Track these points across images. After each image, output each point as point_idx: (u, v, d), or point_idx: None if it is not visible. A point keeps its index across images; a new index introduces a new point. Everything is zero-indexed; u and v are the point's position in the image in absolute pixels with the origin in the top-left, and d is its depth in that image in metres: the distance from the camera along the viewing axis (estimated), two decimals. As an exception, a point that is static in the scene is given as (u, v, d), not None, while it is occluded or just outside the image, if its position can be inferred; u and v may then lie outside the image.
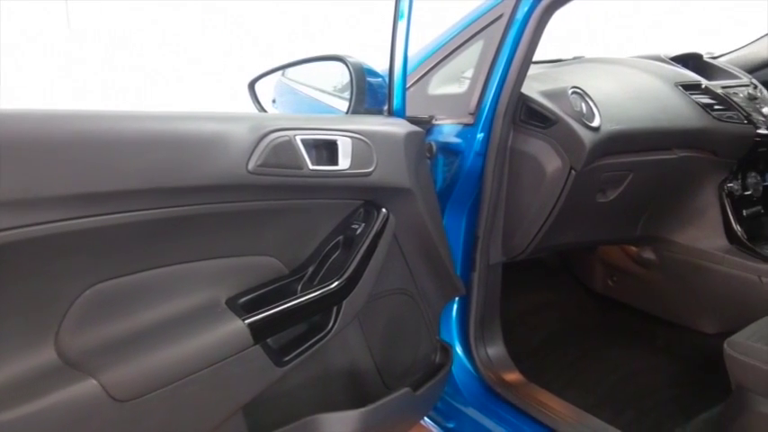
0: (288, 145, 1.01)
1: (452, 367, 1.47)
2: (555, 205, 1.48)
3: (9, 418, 0.74)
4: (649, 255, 2.04)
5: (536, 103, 1.44)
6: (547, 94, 1.46)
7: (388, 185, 1.18)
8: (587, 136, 1.41)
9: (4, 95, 3.58)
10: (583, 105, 1.46)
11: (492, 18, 1.48)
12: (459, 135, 1.48)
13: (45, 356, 0.82)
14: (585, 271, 2.35)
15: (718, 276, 1.83)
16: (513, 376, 1.53)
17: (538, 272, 2.37)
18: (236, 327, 0.96)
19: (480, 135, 1.43)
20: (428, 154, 1.45)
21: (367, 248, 1.14)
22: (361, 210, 1.20)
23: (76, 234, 0.80)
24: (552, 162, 1.44)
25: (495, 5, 1.48)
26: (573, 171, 1.43)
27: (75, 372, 0.82)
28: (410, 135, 1.22)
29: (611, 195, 1.65)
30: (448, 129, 1.51)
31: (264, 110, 1.83)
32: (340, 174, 1.09)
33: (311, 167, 1.04)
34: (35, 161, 0.76)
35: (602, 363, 1.87)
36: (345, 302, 1.11)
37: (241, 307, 1.02)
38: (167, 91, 4.35)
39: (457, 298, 1.54)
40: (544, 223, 1.51)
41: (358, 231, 1.16)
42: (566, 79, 1.58)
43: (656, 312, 2.11)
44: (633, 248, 2.10)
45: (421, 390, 1.30)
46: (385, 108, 1.31)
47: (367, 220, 1.17)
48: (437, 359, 1.44)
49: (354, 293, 1.12)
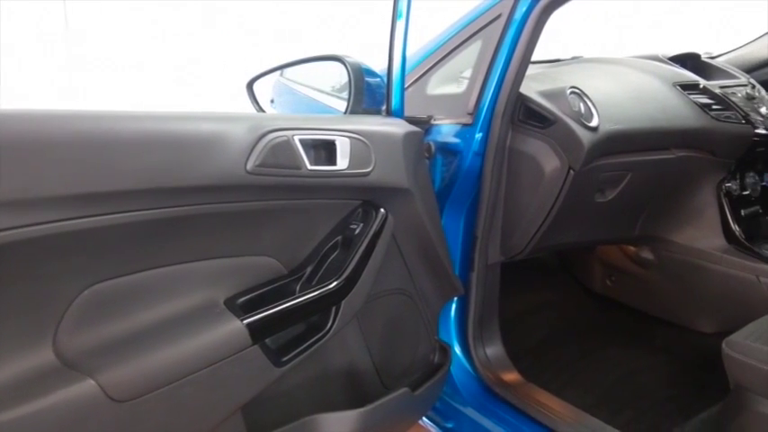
0: (286, 145, 1.01)
1: (451, 367, 1.47)
2: (553, 205, 1.48)
3: (7, 419, 0.74)
4: (648, 254, 2.04)
5: (534, 103, 1.44)
6: (545, 94, 1.46)
7: (387, 185, 1.18)
8: (586, 136, 1.41)
9: (4, 95, 3.57)
10: (581, 105, 1.46)
11: (490, 18, 1.48)
12: (457, 135, 1.48)
13: (43, 357, 0.82)
14: (584, 271, 2.35)
15: (716, 276, 1.83)
16: (512, 376, 1.53)
17: (536, 272, 2.37)
18: (234, 327, 0.96)
19: (479, 135, 1.43)
20: (427, 154, 1.45)
21: (365, 248, 1.14)
22: (359, 210, 1.19)
23: (75, 234, 0.80)
24: (551, 162, 1.44)
25: (493, 5, 1.48)
26: (571, 171, 1.43)
27: (73, 372, 0.82)
28: (409, 135, 1.22)
29: (609, 195, 1.65)
30: (446, 129, 1.51)
31: (263, 110, 1.83)
32: (338, 174, 1.09)
33: (309, 167, 1.04)
34: (34, 161, 0.76)
35: (600, 362, 1.87)
36: (344, 302, 1.11)
37: (239, 307, 1.01)
38: (167, 91, 4.35)
39: (455, 298, 1.54)
40: (543, 223, 1.51)
41: (356, 231, 1.16)
42: (564, 79, 1.58)
43: (655, 312, 2.11)
44: (632, 248, 2.10)
45: (419, 390, 1.30)
46: (383, 108, 1.31)
47: (365, 221, 1.17)
48: (436, 359, 1.44)
49: (353, 293, 1.12)
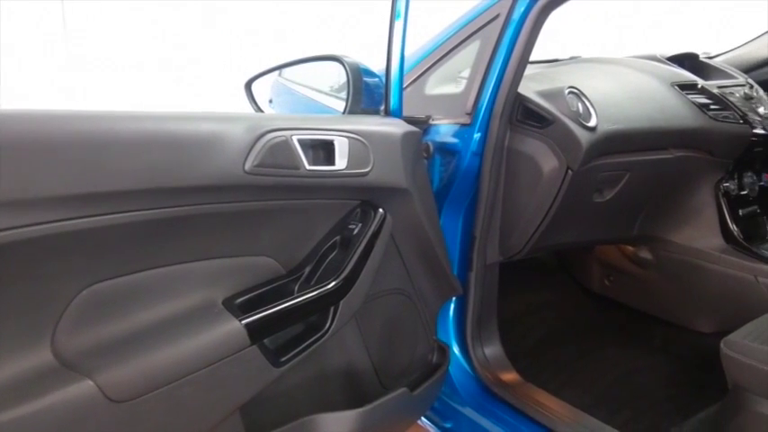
0: (285, 145, 1.01)
1: (449, 367, 1.47)
2: (552, 205, 1.48)
3: (5, 420, 0.74)
4: (646, 254, 2.04)
5: (533, 103, 1.44)
6: (543, 94, 1.46)
7: (385, 185, 1.18)
8: (584, 136, 1.41)
9: (4, 95, 3.57)
10: (579, 105, 1.46)
11: (489, 18, 1.48)
12: (456, 135, 1.48)
13: (41, 357, 0.82)
14: (582, 271, 2.35)
15: (714, 276, 1.83)
16: (510, 376, 1.53)
17: (535, 272, 2.37)
18: (232, 327, 0.96)
19: (477, 135, 1.43)
20: (425, 154, 1.45)
21: (364, 249, 1.14)
22: (358, 210, 1.19)
23: (73, 234, 0.80)
24: (549, 162, 1.44)
25: (491, 5, 1.48)
26: (570, 171, 1.43)
27: (71, 372, 0.82)
28: (407, 135, 1.22)
29: (607, 195, 1.66)
30: (445, 129, 1.51)
31: (261, 110, 1.83)
32: (337, 174, 1.09)
33: (308, 168, 1.04)
34: (33, 161, 0.76)
35: (598, 362, 1.87)
36: (342, 303, 1.11)
37: (238, 307, 1.01)
38: (167, 91, 4.34)
39: (454, 298, 1.54)
40: (541, 223, 1.51)
41: (355, 231, 1.15)
42: (562, 79, 1.58)
43: (653, 312, 2.11)
44: (630, 248, 2.10)
45: (418, 390, 1.30)
46: (382, 108, 1.31)
47: (364, 221, 1.17)
48: (434, 359, 1.44)
49: (351, 294, 1.12)
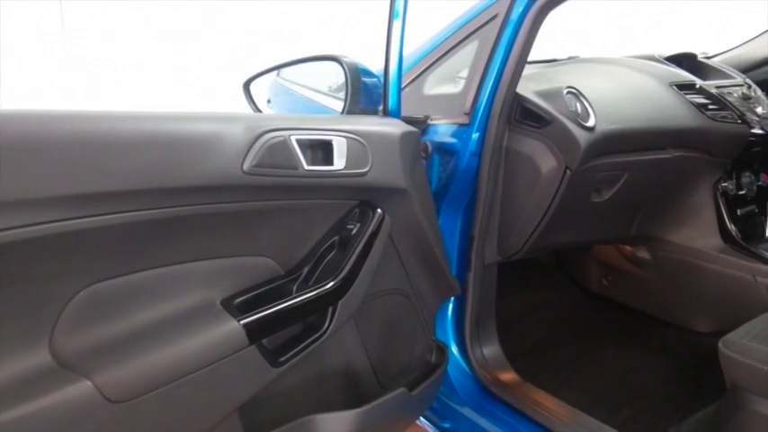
0: (283, 145, 1.01)
1: (448, 367, 1.47)
2: (550, 205, 1.48)
3: (3, 420, 0.74)
4: (644, 254, 2.04)
5: (531, 103, 1.44)
6: (542, 94, 1.46)
7: (384, 186, 1.18)
8: (582, 136, 1.41)
9: (4, 95, 3.57)
10: (578, 105, 1.46)
11: (487, 18, 1.48)
12: (454, 135, 1.48)
13: (39, 358, 0.81)
14: (581, 270, 2.35)
15: (712, 275, 1.83)
16: (509, 376, 1.53)
17: (533, 272, 2.37)
18: (231, 327, 0.96)
19: (475, 135, 1.43)
20: (423, 154, 1.45)
21: (362, 249, 1.14)
22: (356, 210, 1.19)
23: (71, 235, 0.80)
24: (547, 162, 1.44)
25: (489, 5, 1.48)
26: (568, 171, 1.43)
27: (69, 373, 0.82)
28: (405, 135, 1.22)
29: (606, 195, 1.66)
30: (443, 129, 1.51)
31: (259, 110, 1.83)
32: (335, 174, 1.09)
33: (306, 168, 1.04)
34: (30, 162, 0.75)
35: (597, 362, 1.88)
36: (341, 303, 1.11)
37: (236, 308, 1.01)
38: (167, 91, 4.34)
39: (452, 298, 1.54)
40: (539, 223, 1.51)
41: (353, 232, 1.15)
42: (561, 79, 1.59)
43: (651, 311, 2.11)
44: (628, 248, 2.10)
45: (417, 390, 1.30)
46: (380, 108, 1.31)
47: (362, 221, 1.17)
48: (433, 359, 1.44)
49: (350, 294, 1.12)
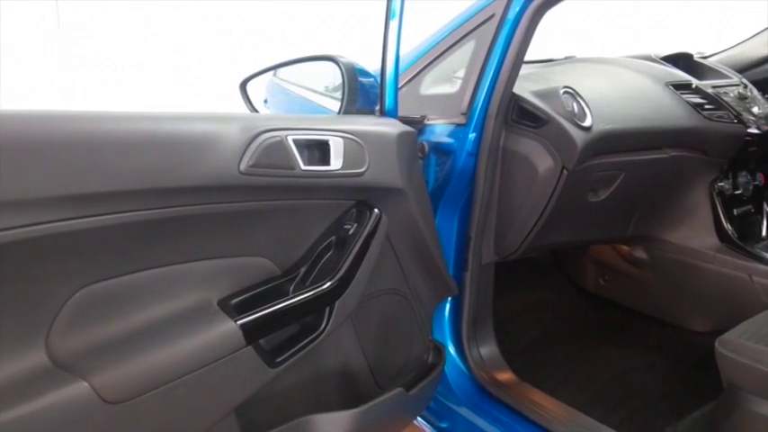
0: (280, 145, 1.01)
1: (445, 367, 1.47)
2: (547, 205, 1.48)
3: None
4: (641, 254, 2.04)
5: (528, 103, 1.44)
6: (538, 94, 1.46)
7: (381, 185, 1.18)
8: (579, 136, 1.42)
9: (4, 95, 3.55)
10: (574, 105, 1.46)
11: (483, 18, 1.48)
12: (451, 135, 1.48)
13: (35, 359, 0.81)
14: (577, 270, 2.35)
15: (709, 275, 1.83)
16: (506, 376, 1.53)
17: (530, 271, 2.37)
18: (228, 328, 0.96)
19: (472, 135, 1.43)
20: (420, 154, 1.45)
21: (359, 249, 1.14)
22: (353, 210, 1.19)
23: (68, 235, 0.80)
24: (544, 162, 1.44)
25: (486, 5, 1.48)
26: (565, 171, 1.43)
27: (65, 374, 0.81)
28: (402, 135, 1.22)
29: (602, 195, 1.66)
30: (440, 129, 1.51)
31: (256, 110, 1.83)
32: (332, 174, 1.09)
33: (303, 168, 1.04)
34: (27, 162, 0.75)
35: (594, 361, 1.88)
36: (338, 303, 1.11)
37: (233, 308, 1.01)
38: (167, 91, 4.33)
39: (449, 298, 1.54)
40: (536, 223, 1.51)
41: (350, 232, 1.15)
42: (557, 79, 1.59)
43: (648, 311, 2.12)
44: (625, 247, 2.11)
45: (414, 390, 1.30)
46: (377, 108, 1.31)
47: (359, 221, 1.17)
48: (430, 359, 1.44)
49: (347, 294, 1.12)
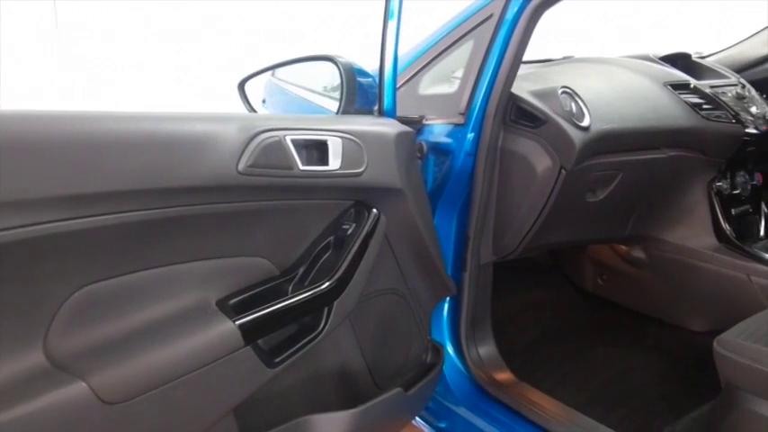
0: (278, 145, 1.01)
1: (444, 367, 1.47)
2: (545, 205, 1.48)
3: None
4: (639, 253, 2.05)
5: (526, 103, 1.44)
6: (537, 94, 1.46)
7: (379, 186, 1.18)
8: (577, 135, 1.42)
9: (4, 95, 3.55)
10: (573, 105, 1.46)
11: (482, 18, 1.48)
12: (449, 135, 1.48)
13: (33, 359, 0.81)
14: (575, 270, 2.35)
15: (707, 275, 1.84)
16: (504, 375, 1.53)
17: (528, 271, 2.37)
18: (226, 328, 0.96)
19: (471, 135, 1.43)
20: (419, 154, 1.45)
21: (358, 249, 1.14)
22: (351, 210, 1.19)
23: (66, 235, 0.80)
24: (542, 162, 1.44)
25: (484, 5, 1.48)
26: (563, 171, 1.44)
27: (63, 374, 0.81)
28: (401, 135, 1.22)
29: (600, 195, 1.66)
30: (438, 129, 1.51)
31: (254, 110, 1.83)
32: (330, 174, 1.09)
33: (301, 168, 1.04)
34: (25, 162, 0.75)
35: (592, 361, 1.88)
36: (336, 303, 1.11)
37: (231, 308, 1.01)
38: (167, 91, 4.33)
39: (448, 298, 1.54)
40: (534, 223, 1.51)
41: (349, 232, 1.15)
42: (555, 79, 1.59)
43: (646, 311, 2.12)
44: (623, 247, 2.11)
45: (412, 390, 1.30)
46: (375, 108, 1.31)
47: (358, 221, 1.17)
48: (428, 359, 1.44)
49: (345, 294, 1.12)
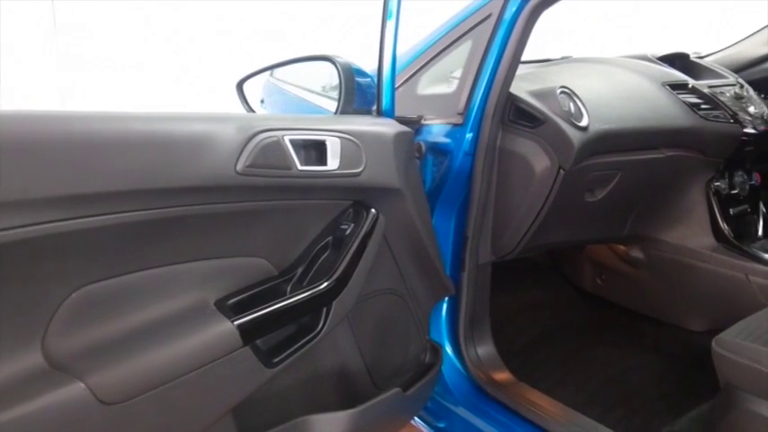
0: (276, 145, 1.01)
1: (442, 367, 1.47)
2: (544, 205, 1.48)
3: None
4: (637, 253, 2.05)
5: (525, 103, 1.44)
6: (535, 94, 1.46)
7: (378, 186, 1.18)
8: (576, 135, 1.42)
9: (5, 95, 3.54)
10: (571, 105, 1.46)
11: (480, 18, 1.48)
12: (448, 135, 1.48)
13: (32, 359, 0.81)
14: (574, 270, 2.36)
15: (705, 274, 1.84)
16: (503, 375, 1.53)
17: (527, 271, 2.37)
18: (225, 328, 0.96)
19: (469, 135, 1.43)
20: (417, 154, 1.45)
21: (356, 249, 1.14)
22: (350, 210, 1.19)
23: (65, 236, 0.80)
24: (541, 162, 1.44)
25: (483, 5, 1.48)
26: (561, 170, 1.44)
27: (62, 375, 0.81)
28: (399, 135, 1.22)
29: (599, 195, 1.66)
30: (437, 129, 1.51)
31: (253, 110, 1.82)
32: (329, 174, 1.09)
33: (300, 168, 1.04)
34: (24, 162, 0.75)
35: (590, 361, 1.88)
36: (335, 303, 1.11)
37: (230, 308, 1.01)
38: (167, 91, 4.32)
39: (446, 298, 1.54)
40: (533, 223, 1.51)
41: (347, 232, 1.15)
42: (554, 79, 1.59)
43: (645, 311, 2.12)
44: (621, 247, 2.11)
45: (411, 390, 1.30)
46: (374, 108, 1.31)
47: (356, 221, 1.17)
48: (427, 359, 1.44)
49: (344, 294, 1.12)
